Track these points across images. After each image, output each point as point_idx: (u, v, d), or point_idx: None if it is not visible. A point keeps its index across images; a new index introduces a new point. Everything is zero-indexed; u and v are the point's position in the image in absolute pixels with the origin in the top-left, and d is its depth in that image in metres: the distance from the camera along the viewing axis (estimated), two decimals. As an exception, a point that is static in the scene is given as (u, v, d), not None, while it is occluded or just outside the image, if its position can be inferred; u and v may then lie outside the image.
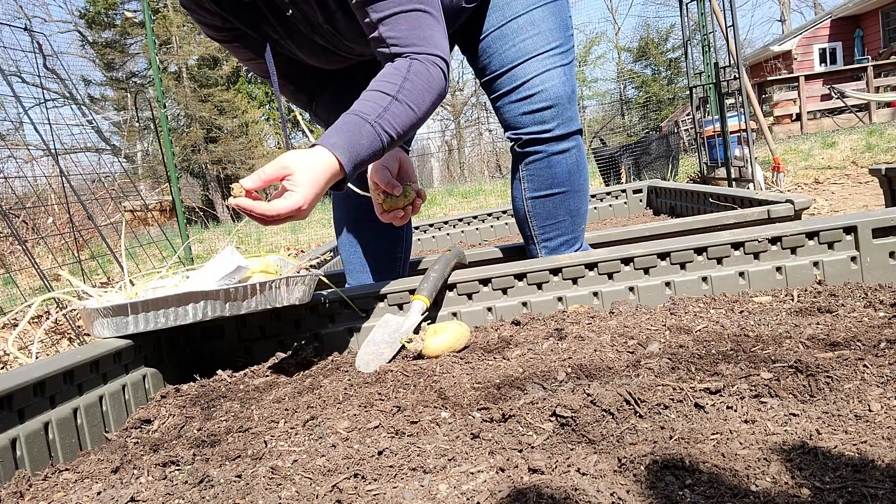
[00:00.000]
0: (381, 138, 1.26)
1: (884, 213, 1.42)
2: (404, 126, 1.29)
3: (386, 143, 1.28)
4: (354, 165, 1.24)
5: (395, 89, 1.28)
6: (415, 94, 1.30)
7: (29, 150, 6.62)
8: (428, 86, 1.32)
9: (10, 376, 1.00)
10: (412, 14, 1.32)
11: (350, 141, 1.23)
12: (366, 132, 1.24)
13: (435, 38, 1.34)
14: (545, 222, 1.78)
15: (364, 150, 1.24)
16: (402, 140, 1.33)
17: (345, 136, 1.23)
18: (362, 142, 1.24)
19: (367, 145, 1.25)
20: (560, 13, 1.69)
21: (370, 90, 1.30)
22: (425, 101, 1.32)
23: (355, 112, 1.26)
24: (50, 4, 39.97)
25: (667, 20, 26.89)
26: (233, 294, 1.30)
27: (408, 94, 1.29)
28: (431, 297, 1.41)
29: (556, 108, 1.66)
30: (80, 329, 3.07)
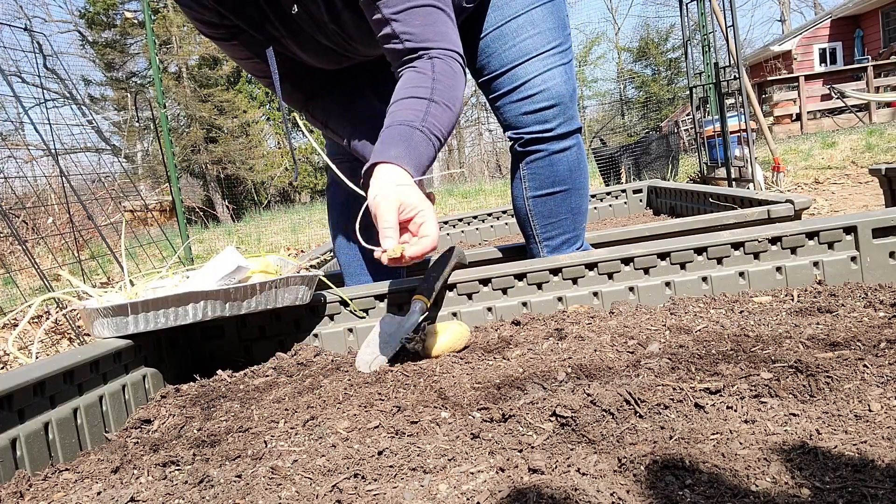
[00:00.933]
0: (431, 142, 1.26)
1: (884, 213, 1.42)
2: (446, 126, 1.30)
3: (437, 146, 1.28)
4: (421, 172, 1.24)
5: (429, 92, 1.28)
6: (447, 93, 1.30)
7: (29, 150, 6.62)
8: (455, 82, 1.31)
9: (10, 376, 1.00)
10: (425, 9, 1.31)
11: (409, 150, 1.22)
12: (417, 138, 1.24)
13: (449, 34, 1.34)
14: (546, 221, 1.78)
15: (423, 156, 1.24)
16: (446, 141, 1.33)
17: (402, 147, 1.21)
18: (420, 149, 1.24)
19: (425, 151, 1.25)
20: (558, 12, 1.69)
21: (403, 98, 1.29)
22: (457, 97, 1.32)
23: (399, 122, 1.25)
24: (50, 4, 39.97)
25: (667, 20, 26.90)
26: (233, 294, 1.30)
27: (441, 93, 1.29)
28: (431, 297, 1.41)
29: (558, 107, 1.67)
30: (80, 329, 3.07)
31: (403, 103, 1.28)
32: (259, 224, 9.05)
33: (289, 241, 7.04)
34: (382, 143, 1.23)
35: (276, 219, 9.65)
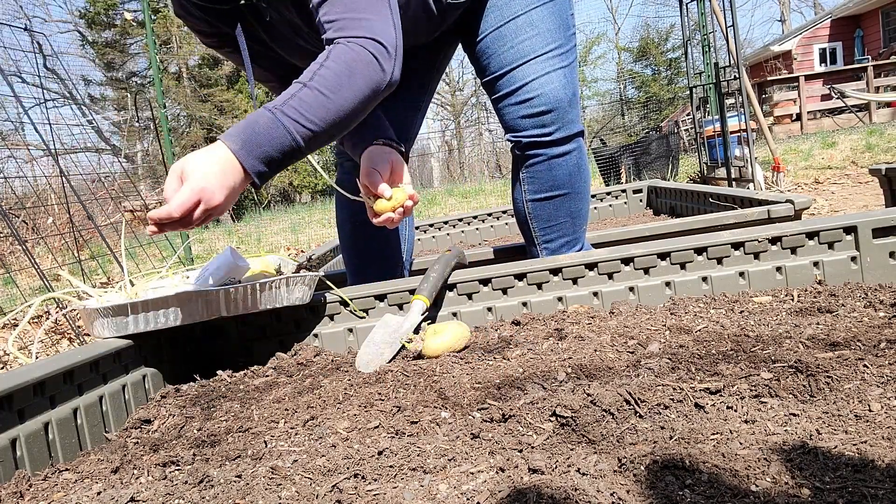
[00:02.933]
0: (282, 124, 1.18)
1: (884, 213, 1.42)
2: (319, 113, 1.21)
3: (293, 129, 1.19)
4: (256, 156, 1.17)
5: (309, 76, 1.23)
6: (330, 80, 1.22)
7: (29, 150, 6.62)
8: (349, 70, 1.22)
9: (10, 376, 1.00)
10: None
11: (244, 129, 1.18)
12: (264, 120, 1.18)
13: (371, 21, 1.26)
14: (546, 224, 1.78)
15: (262, 137, 1.17)
16: (328, 133, 1.24)
17: (241, 126, 1.19)
18: (259, 129, 1.18)
19: (266, 133, 1.18)
20: (560, 13, 1.67)
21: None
22: (345, 86, 1.22)
23: (265, 104, 1.22)
24: (50, 4, 39.96)
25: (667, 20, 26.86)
26: (233, 294, 1.30)
27: (320, 80, 1.22)
28: (431, 297, 1.41)
29: (556, 112, 1.65)
30: (80, 329, 3.07)
31: (287, 89, 1.24)
32: (259, 224, 9.05)
33: (289, 241, 7.04)
34: (239, 122, 1.22)
35: (276, 219, 9.65)
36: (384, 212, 1.41)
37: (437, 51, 1.84)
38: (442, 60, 1.90)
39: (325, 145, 1.30)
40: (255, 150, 1.17)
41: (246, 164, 1.17)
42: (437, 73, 1.91)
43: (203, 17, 1.44)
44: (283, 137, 1.19)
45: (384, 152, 1.48)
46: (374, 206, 1.42)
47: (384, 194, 1.40)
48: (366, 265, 1.91)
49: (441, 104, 24.10)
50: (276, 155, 1.20)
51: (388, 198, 1.40)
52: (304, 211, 10.97)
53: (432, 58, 1.85)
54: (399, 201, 1.41)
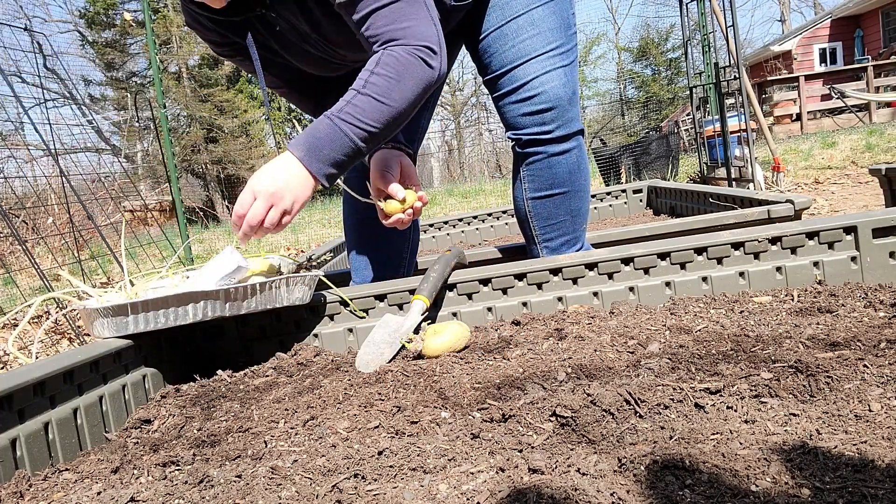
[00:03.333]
0: (341, 129, 1.28)
1: (884, 213, 1.42)
2: (374, 116, 1.29)
3: (352, 133, 1.29)
4: (319, 160, 1.28)
5: (361, 84, 1.30)
6: (381, 85, 1.30)
7: (29, 150, 6.62)
8: (398, 75, 1.30)
9: (10, 376, 1.00)
10: (389, 8, 1.31)
11: (307, 136, 1.29)
12: (324, 126, 1.29)
13: (413, 27, 1.32)
14: (546, 223, 1.78)
15: (324, 142, 1.29)
16: (385, 132, 1.33)
17: (304, 134, 1.30)
18: (320, 135, 1.29)
19: (326, 138, 1.28)
20: (561, 12, 1.68)
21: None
22: (395, 90, 1.30)
23: (324, 113, 1.31)
24: (50, 4, 39.97)
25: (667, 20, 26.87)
26: (233, 294, 1.30)
27: (373, 86, 1.30)
28: (431, 297, 1.41)
29: (556, 110, 1.66)
30: (80, 329, 3.07)
31: (343, 97, 1.33)
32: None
33: (289, 241, 7.04)
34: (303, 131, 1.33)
35: (276, 219, 9.61)
36: (395, 213, 1.44)
37: None
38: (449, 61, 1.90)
39: (381, 142, 1.38)
40: (318, 154, 1.29)
41: (312, 168, 1.29)
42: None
43: (215, 28, 1.49)
44: (343, 140, 1.30)
45: (394, 155, 1.50)
46: (385, 208, 1.44)
47: (396, 196, 1.42)
48: (370, 263, 1.91)
49: (441, 104, 24.09)
50: (338, 157, 1.31)
51: (401, 200, 1.42)
52: (304, 211, 10.96)
53: None
54: (410, 202, 1.45)
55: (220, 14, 1.44)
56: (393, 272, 1.89)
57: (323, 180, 1.31)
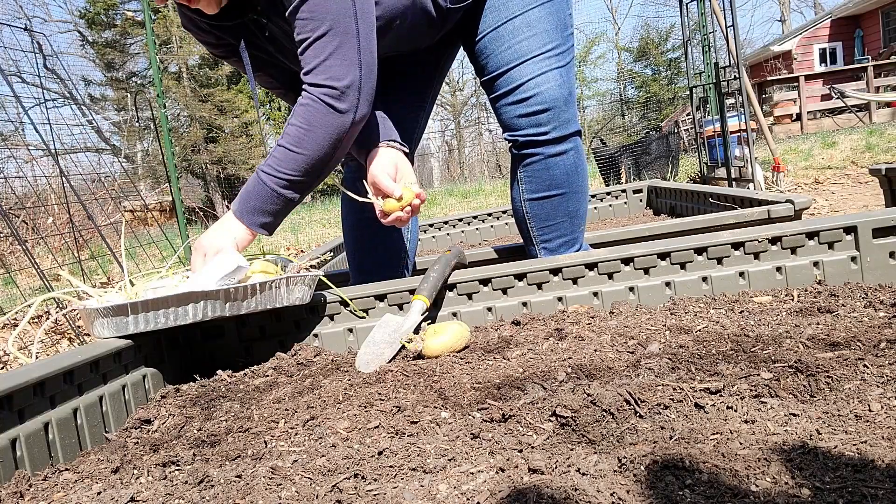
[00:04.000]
0: (264, 182, 1.38)
1: (884, 213, 1.42)
2: (291, 167, 1.38)
3: (273, 184, 1.38)
4: (249, 211, 1.39)
5: (283, 134, 1.39)
6: (293, 136, 1.37)
7: (29, 150, 6.62)
8: (308, 124, 1.36)
9: (10, 376, 1.00)
10: (319, 42, 1.35)
11: (241, 192, 1.41)
12: (251, 180, 1.41)
13: (333, 67, 1.35)
14: (543, 224, 1.78)
15: (252, 196, 1.39)
16: (310, 178, 1.41)
17: (242, 189, 1.41)
18: (248, 189, 1.40)
19: (253, 191, 1.39)
20: (558, 13, 1.67)
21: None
22: (307, 139, 1.37)
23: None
24: (50, 4, 39.97)
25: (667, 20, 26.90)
26: (233, 294, 1.30)
27: (287, 136, 1.38)
28: (431, 297, 1.41)
29: (552, 112, 1.65)
30: (80, 329, 3.07)
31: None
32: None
33: (289, 242, 7.04)
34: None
35: (276, 219, 9.62)
36: (393, 211, 1.44)
37: (439, 52, 1.84)
38: (444, 62, 1.90)
39: (315, 186, 1.46)
40: (248, 207, 1.39)
41: (244, 220, 1.40)
42: (439, 74, 1.92)
43: (210, 30, 1.52)
44: (266, 191, 1.39)
45: (390, 153, 1.51)
46: (383, 206, 1.45)
47: (393, 194, 1.43)
48: (369, 262, 1.91)
49: (441, 104, 24.10)
50: (267, 207, 1.40)
51: (398, 198, 1.42)
52: (304, 211, 10.97)
53: (434, 59, 1.86)
54: (407, 200, 1.45)
55: (214, 18, 1.46)
56: (392, 272, 1.89)
57: (258, 230, 1.40)
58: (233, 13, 1.46)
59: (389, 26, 1.51)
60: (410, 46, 1.70)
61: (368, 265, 1.92)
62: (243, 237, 1.40)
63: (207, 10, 1.43)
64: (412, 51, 1.75)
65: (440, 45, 1.80)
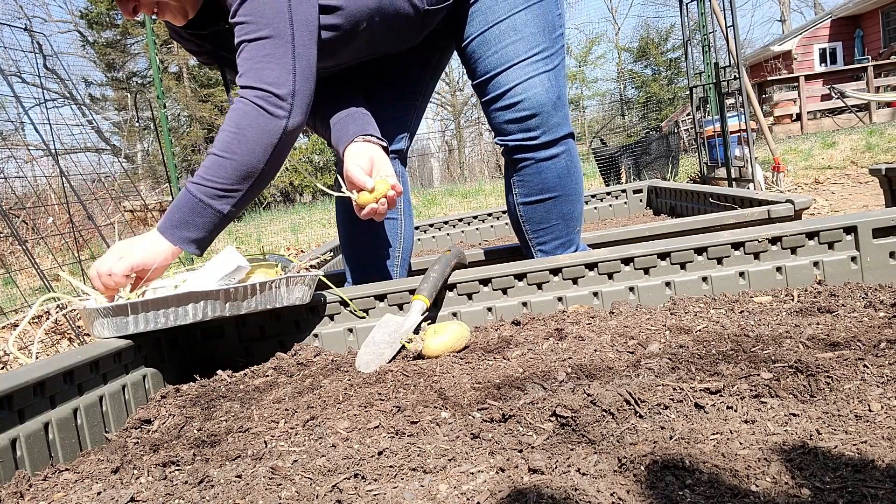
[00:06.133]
0: (192, 193, 1.31)
1: (884, 213, 1.42)
2: (221, 174, 1.31)
3: (202, 195, 1.31)
4: (175, 227, 1.31)
5: (214, 143, 1.33)
6: (224, 141, 1.32)
7: (29, 150, 6.62)
8: (238, 128, 1.32)
9: (10, 376, 1.00)
10: (254, 44, 1.33)
11: (170, 208, 1.33)
12: (181, 194, 1.33)
13: (265, 70, 1.33)
14: (538, 227, 1.78)
15: (181, 211, 1.31)
16: (243, 187, 1.33)
17: (169, 208, 1.33)
18: (178, 204, 1.32)
19: (184, 206, 1.32)
20: (545, 15, 1.65)
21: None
22: (238, 143, 1.32)
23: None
24: (50, 4, 39.97)
25: (667, 20, 26.91)
26: (233, 294, 1.30)
27: (218, 142, 1.32)
28: (431, 297, 1.41)
29: (540, 116, 1.64)
30: (80, 329, 3.07)
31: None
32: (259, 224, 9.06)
33: (289, 241, 7.04)
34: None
35: (276, 219, 9.66)
36: (367, 203, 1.44)
37: (429, 52, 1.84)
38: (438, 61, 1.90)
39: (249, 200, 1.39)
40: (172, 220, 1.32)
41: (168, 236, 1.32)
42: (433, 72, 1.92)
43: (191, 38, 1.55)
44: (192, 202, 1.31)
45: (365, 147, 1.53)
46: (357, 199, 1.45)
47: (366, 186, 1.42)
48: (362, 261, 1.91)
49: (441, 104, 24.10)
50: (194, 220, 1.32)
51: (371, 189, 1.42)
52: (304, 211, 10.97)
53: (425, 59, 1.86)
54: (381, 192, 1.44)
55: (190, 27, 1.49)
56: (387, 271, 1.89)
57: (184, 246, 1.33)
58: (206, 23, 1.48)
59: (356, 31, 1.50)
60: (392, 48, 1.70)
61: (361, 263, 1.91)
62: (165, 254, 1.31)
63: (175, 21, 1.45)
64: (397, 51, 1.75)
65: (430, 45, 1.80)
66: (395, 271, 1.91)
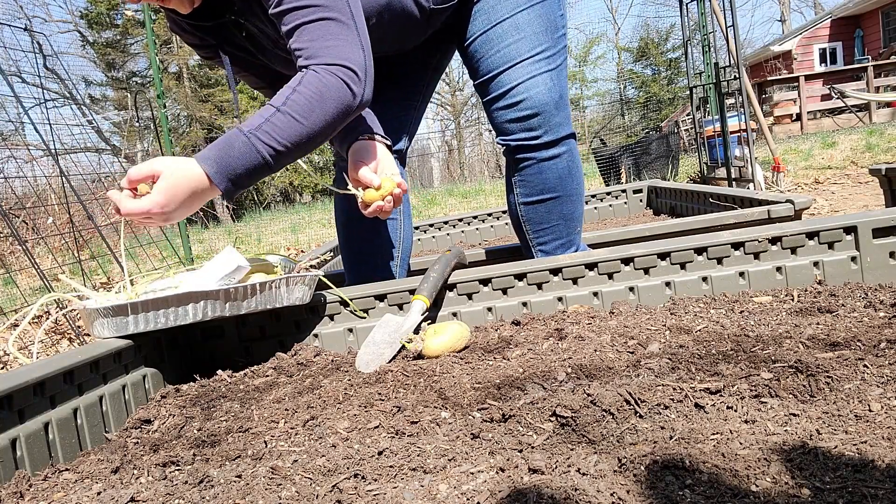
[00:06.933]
0: (256, 148, 1.25)
1: (884, 213, 1.42)
2: (291, 137, 1.28)
3: (266, 153, 1.27)
4: (229, 178, 1.25)
5: (282, 101, 1.28)
6: (302, 105, 1.28)
7: (29, 150, 6.62)
8: (320, 96, 1.28)
9: (10, 376, 1.00)
10: (316, 24, 1.30)
11: (220, 153, 1.24)
12: (239, 144, 1.25)
13: (339, 47, 1.31)
14: (539, 227, 1.78)
15: (237, 161, 1.25)
16: (295, 153, 1.30)
17: (216, 148, 1.25)
18: (233, 153, 1.25)
19: (240, 156, 1.25)
20: (547, 14, 1.66)
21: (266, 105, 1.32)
22: (316, 111, 1.29)
23: (238, 126, 1.28)
24: (50, 4, 39.99)
25: (667, 20, 26.91)
26: (233, 294, 1.30)
27: (293, 104, 1.27)
28: (431, 297, 1.41)
29: (542, 116, 1.64)
30: (80, 329, 3.07)
31: (261, 109, 1.30)
32: (259, 224, 9.06)
33: (289, 241, 7.04)
34: (212, 143, 1.28)
35: (276, 219, 9.66)
36: (373, 201, 1.44)
37: (431, 52, 1.84)
38: (439, 61, 1.90)
39: (294, 161, 1.36)
40: (230, 174, 1.25)
41: (220, 186, 1.26)
42: (433, 73, 1.92)
43: (193, 31, 1.52)
44: (257, 160, 1.27)
45: (370, 145, 1.52)
46: (363, 197, 1.45)
47: (372, 183, 1.42)
48: (360, 260, 1.91)
49: (441, 104, 24.10)
50: (246, 174, 1.27)
51: (377, 187, 1.42)
52: (304, 211, 10.97)
53: (426, 59, 1.86)
54: (387, 190, 1.44)
55: (194, 19, 1.46)
56: (384, 270, 1.89)
57: (225, 197, 1.29)
58: (210, 14, 1.46)
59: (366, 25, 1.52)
60: (395, 47, 1.70)
61: (359, 263, 1.91)
62: (203, 200, 1.27)
63: (180, 9, 1.42)
64: (399, 51, 1.74)
65: (431, 45, 1.80)
66: (395, 271, 1.91)
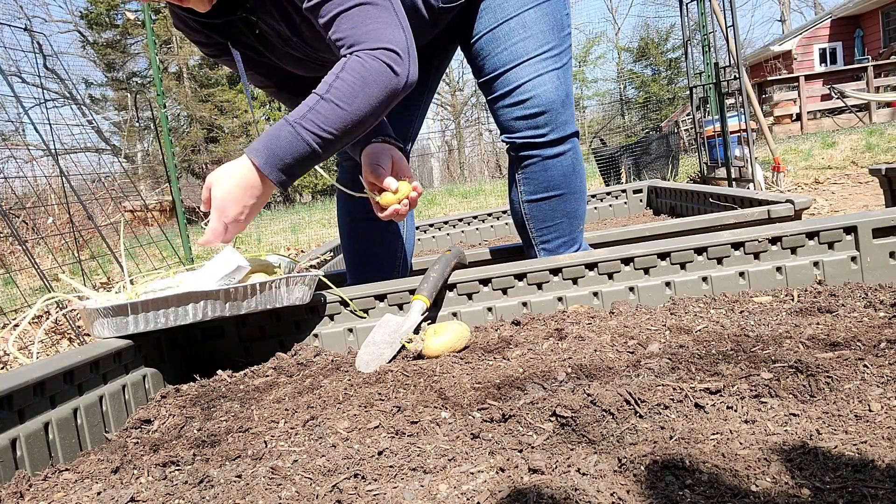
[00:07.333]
0: (302, 137, 1.26)
1: (884, 213, 1.42)
2: (336, 124, 1.27)
3: (312, 141, 1.26)
4: (279, 168, 1.26)
5: (325, 88, 1.27)
6: (345, 91, 1.26)
7: (29, 150, 6.62)
8: (363, 81, 1.27)
9: (10, 376, 1.00)
10: (353, 11, 1.29)
11: (267, 144, 1.26)
12: (285, 133, 1.26)
13: (379, 30, 1.30)
14: (542, 225, 1.78)
15: (284, 150, 1.26)
16: (343, 140, 1.30)
17: (264, 140, 1.27)
18: (280, 143, 1.26)
19: (287, 146, 1.26)
20: (554, 13, 1.66)
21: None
22: (360, 96, 1.27)
23: (285, 116, 1.29)
24: (50, 4, 39.98)
25: (667, 20, 26.93)
26: (233, 294, 1.30)
27: (336, 91, 1.27)
28: (431, 297, 1.41)
29: (549, 114, 1.65)
30: (80, 329, 3.07)
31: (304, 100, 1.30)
32: (259, 224, 9.05)
33: (289, 241, 7.04)
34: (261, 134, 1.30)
35: (276, 219, 9.65)
36: (390, 204, 1.44)
37: (434, 52, 1.84)
38: (441, 61, 1.90)
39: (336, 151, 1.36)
40: (279, 164, 1.27)
41: (272, 177, 1.28)
42: (435, 73, 1.92)
43: (200, 29, 1.50)
44: (304, 149, 1.27)
45: (384, 148, 1.51)
46: (380, 200, 1.45)
47: (390, 187, 1.43)
48: (364, 262, 1.91)
49: (441, 104, 24.10)
50: (296, 165, 1.29)
51: (395, 191, 1.42)
52: (304, 211, 10.97)
53: (429, 59, 1.86)
54: (404, 193, 1.44)
55: (204, 17, 1.45)
56: (388, 271, 1.89)
57: (279, 189, 1.31)
58: (222, 12, 1.45)
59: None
60: None
61: (363, 264, 1.91)
62: (258, 195, 1.29)
63: (199, 7, 1.41)
64: None
65: (435, 45, 1.80)
66: (396, 271, 1.91)
